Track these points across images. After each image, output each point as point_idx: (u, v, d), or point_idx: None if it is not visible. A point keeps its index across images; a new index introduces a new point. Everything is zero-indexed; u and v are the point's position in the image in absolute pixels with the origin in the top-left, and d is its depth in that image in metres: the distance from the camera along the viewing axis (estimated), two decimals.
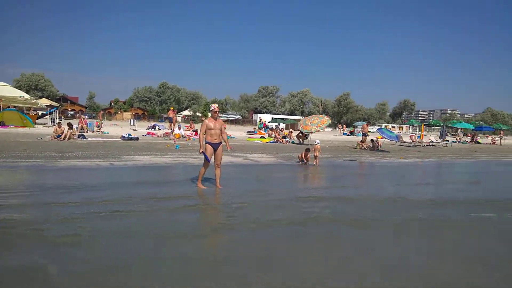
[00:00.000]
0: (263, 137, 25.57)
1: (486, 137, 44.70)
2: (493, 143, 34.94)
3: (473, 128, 44.69)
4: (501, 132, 40.47)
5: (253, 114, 58.70)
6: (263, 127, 35.62)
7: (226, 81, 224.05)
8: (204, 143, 7.25)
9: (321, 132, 32.89)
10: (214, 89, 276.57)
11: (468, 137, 38.80)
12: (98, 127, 24.08)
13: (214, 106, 7.39)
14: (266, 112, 64.86)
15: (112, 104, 76.03)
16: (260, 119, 39.57)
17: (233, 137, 24.12)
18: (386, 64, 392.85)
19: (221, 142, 7.41)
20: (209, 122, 7.24)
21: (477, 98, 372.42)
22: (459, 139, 36.86)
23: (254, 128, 35.27)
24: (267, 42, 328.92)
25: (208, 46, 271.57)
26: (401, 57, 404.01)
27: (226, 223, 5.30)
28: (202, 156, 7.29)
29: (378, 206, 6.83)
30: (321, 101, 75.92)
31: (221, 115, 40.94)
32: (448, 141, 31.79)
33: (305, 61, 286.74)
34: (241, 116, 53.16)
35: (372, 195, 7.73)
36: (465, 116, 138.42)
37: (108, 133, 22.61)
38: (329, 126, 33.25)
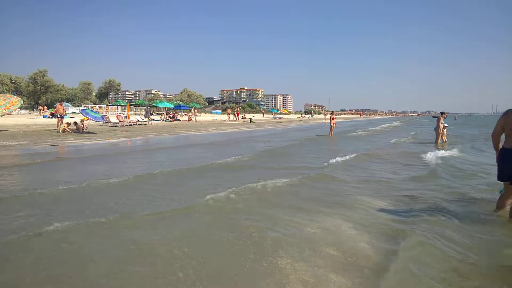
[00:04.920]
0: None
1: (185, 114, 50.67)
2: (190, 120, 39.98)
3: (173, 107, 49.64)
4: (195, 110, 46.97)
5: None
6: None
7: None
8: None
9: (14, 115, 27.63)
10: None
11: (171, 115, 42.58)
12: None
13: None
14: None
15: None
16: None
17: None
18: (90, 43, 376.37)
19: None
20: None
21: (176, 80, 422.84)
22: (163, 117, 39.88)
23: None
24: None
25: None
26: (105, 37, 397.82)
27: None
28: None
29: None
30: (11, 79, 62.72)
31: None
32: (153, 119, 33.67)
33: None
34: None
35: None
36: (167, 96, 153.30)
37: None
38: (25, 108, 27.98)
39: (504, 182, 4.76)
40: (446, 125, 17.39)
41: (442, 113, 17.24)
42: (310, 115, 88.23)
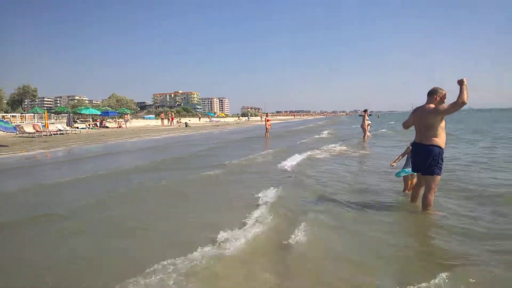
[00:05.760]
0: None
1: (114, 121, 47.35)
2: (120, 127, 37.43)
3: (100, 113, 46.23)
4: (126, 116, 44.19)
5: None
6: None
7: None
8: None
9: None
10: None
11: (97, 123, 39.47)
12: None
13: None
14: None
15: None
16: None
17: None
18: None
19: None
20: None
21: (103, 84, 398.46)
22: (89, 125, 36.83)
23: None
24: None
25: None
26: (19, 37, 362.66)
27: None
28: None
29: None
30: None
31: None
32: (77, 127, 30.93)
33: None
34: None
35: None
36: (94, 102, 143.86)
37: None
38: None
39: (416, 173, 5.10)
40: (369, 122, 18.60)
41: (365, 111, 18.26)
42: (246, 118, 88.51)
